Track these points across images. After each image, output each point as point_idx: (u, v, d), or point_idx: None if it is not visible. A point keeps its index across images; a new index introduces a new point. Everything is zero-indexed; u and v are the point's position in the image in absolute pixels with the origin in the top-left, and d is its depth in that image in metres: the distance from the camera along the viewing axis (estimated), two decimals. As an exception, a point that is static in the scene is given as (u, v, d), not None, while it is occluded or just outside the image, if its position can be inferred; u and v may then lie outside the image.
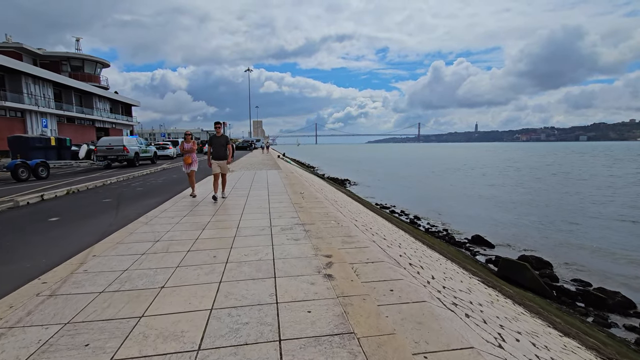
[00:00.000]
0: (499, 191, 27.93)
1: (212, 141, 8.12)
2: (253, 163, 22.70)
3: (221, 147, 8.01)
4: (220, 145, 8.00)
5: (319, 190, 12.11)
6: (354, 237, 4.78)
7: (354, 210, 9.67)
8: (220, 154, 7.99)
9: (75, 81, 34.62)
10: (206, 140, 54.60)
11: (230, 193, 8.92)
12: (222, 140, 8.05)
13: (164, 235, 4.77)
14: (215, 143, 8.01)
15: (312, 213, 6.29)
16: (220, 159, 7.99)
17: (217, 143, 7.99)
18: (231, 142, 8.27)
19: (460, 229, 17.07)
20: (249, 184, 10.70)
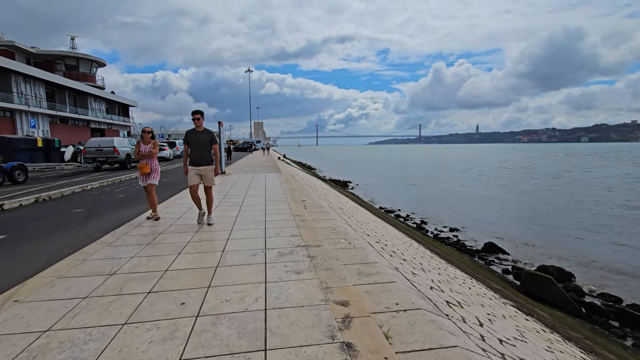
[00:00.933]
0: (506, 194, 26.85)
1: (189, 138, 5.68)
2: (252, 165, 21.62)
3: (203, 147, 5.65)
4: (202, 145, 5.63)
5: (323, 195, 11.01)
6: (373, 266, 3.67)
7: (362, 220, 8.56)
8: (201, 157, 5.66)
9: (69, 80, 33.55)
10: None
11: (221, 201, 7.80)
12: (204, 138, 5.63)
13: (126, 264, 3.66)
14: (194, 142, 5.62)
15: (316, 228, 5.18)
16: (201, 164, 5.64)
17: (197, 142, 5.61)
18: (218, 142, 6.09)
19: (469, 234, 16.10)
20: (245, 190, 9.61)
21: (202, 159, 5.67)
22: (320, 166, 54.71)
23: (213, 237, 4.75)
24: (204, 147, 5.65)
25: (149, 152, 6.11)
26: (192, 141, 5.64)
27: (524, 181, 34.07)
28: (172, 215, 6.38)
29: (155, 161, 6.26)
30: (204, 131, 5.69)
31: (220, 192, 9.22)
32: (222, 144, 14.62)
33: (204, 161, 5.69)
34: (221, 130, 14.47)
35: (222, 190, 9.58)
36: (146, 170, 6.02)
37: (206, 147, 5.68)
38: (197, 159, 5.67)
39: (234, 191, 9.44)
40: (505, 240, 15.28)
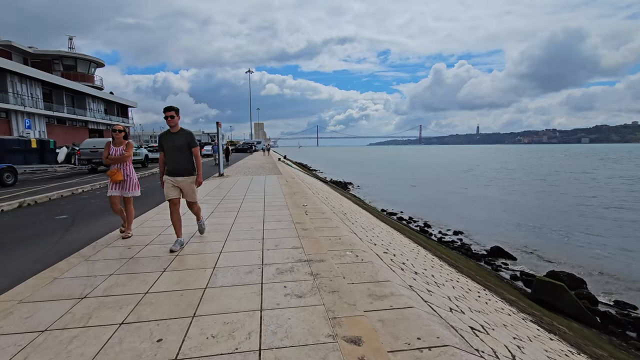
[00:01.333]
0: (508, 195, 26.39)
1: (162, 142, 4.56)
2: (251, 167, 21.15)
3: (179, 152, 4.47)
4: (177, 150, 4.46)
5: (324, 199, 10.53)
6: (385, 285, 3.19)
7: (367, 226, 8.08)
8: (177, 165, 4.48)
9: (66, 80, 33.09)
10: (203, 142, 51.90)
11: (217, 207, 7.31)
12: (180, 141, 4.45)
13: (101, 284, 3.18)
14: (169, 146, 4.48)
15: (319, 238, 4.70)
16: (178, 173, 4.50)
17: (172, 146, 4.46)
18: (198, 146, 4.77)
19: (473, 237, 15.74)
20: (243, 194, 9.13)
21: (178, 168, 4.49)
22: (320, 167, 54.29)
23: (204, 249, 4.27)
24: (181, 152, 4.46)
25: (121, 156, 4.99)
26: (166, 145, 4.50)
27: (525, 183, 33.62)
28: (162, 223, 5.89)
29: (130, 166, 5.13)
30: (179, 132, 4.49)
31: (217, 196, 8.75)
32: (220, 145, 14.16)
33: (182, 170, 4.51)
34: (219, 131, 14.00)
35: (219, 194, 9.11)
36: (118, 178, 4.90)
37: (183, 153, 4.48)
38: (173, 167, 4.49)
39: (232, 195, 8.97)
40: (511, 243, 14.90)
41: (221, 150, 14.43)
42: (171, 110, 4.43)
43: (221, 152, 14.48)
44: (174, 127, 4.49)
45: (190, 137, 4.54)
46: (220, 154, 14.40)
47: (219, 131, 13.83)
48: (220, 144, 14.20)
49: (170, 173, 4.53)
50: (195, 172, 4.68)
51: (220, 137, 14.03)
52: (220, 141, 14.08)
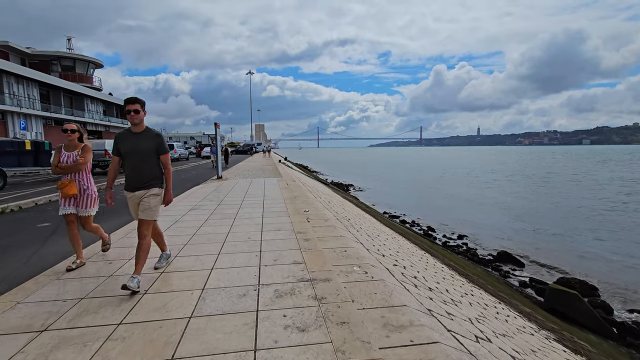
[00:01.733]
0: (512, 197, 25.92)
1: (120, 144, 3.43)
2: (251, 169, 20.70)
3: (143, 160, 3.39)
4: (141, 156, 3.38)
5: (327, 203, 10.06)
6: (401, 311, 2.72)
7: (372, 233, 7.60)
8: (139, 174, 3.40)
9: (64, 81, 32.67)
10: (203, 144, 51.05)
11: (213, 212, 6.84)
12: (146, 145, 3.39)
13: (69, 310, 2.70)
14: (130, 150, 3.38)
15: (323, 251, 4.23)
16: (138, 186, 3.41)
17: (133, 150, 3.37)
18: (169, 152, 3.59)
19: (479, 241, 15.35)
20: (241, 198, 8.66)
21: (140, 178, 3.36)
22: (321, 169, 53.87)
23: (194, 264, 3.79)
24: (146, 159, 3.36)
25: (75, 164, 3.82)
26: (125, 148, 3.35)
27: (527, 184, 33.12)
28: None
29: (88, 177, 3.95)
30: (145, 133, 3.39)
31: (214, 201, 8.28)
32: (219, 147, 13.72)
33: (145, 181, 3.37)
34: (218, 132, 13.56)
35: (216, 199, 8.65)
36: (70, 192, 3.75)
37: (148, 160, 3.38)
38: (133, 178, 3.38)
39: (229, 199, 8.50)
40: (517, 248, 14.51)
41: (220, 153, 13.98)
42: (136, 102, 3.32)
43: (220, 154, 14.03)
44: (138, 126, 3.37)
45: (159, 140, 3.42)
46: (219, 156, 13.95)
47: (217, 132, 13.38)
48: (219, 146, 13.75)
49: (130, 186, 3.40)
50: (164, 185, 3.54)
51: (219, 139, 13.59)
52: (219, 143, 13.64)
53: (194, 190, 10.45)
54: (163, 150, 3.46)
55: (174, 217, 6.38)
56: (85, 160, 3.88)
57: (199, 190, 10.35)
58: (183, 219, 6.15)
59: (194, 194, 9.64)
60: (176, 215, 6.48)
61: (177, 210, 7.04)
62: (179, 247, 4.45)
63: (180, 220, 6.08)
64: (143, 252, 3.28)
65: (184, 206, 7.47)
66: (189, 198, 8.76)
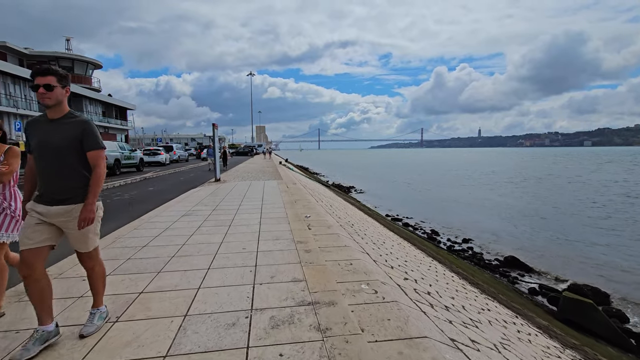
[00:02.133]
0: (515, 199, 25.44)
1: (30, 135, 2.31)
2: (251, 171, 20.24)
3: (58, 156, 2.23)
4: (56, 152, 2.22)
5: (328, 207, 9.58)
6: (421, 345, 2.23)
7: (377, 240, 7.12)
8: (54, 181, 2.25)
9: (62, 82, 32.27)
10: (203, 145, 50.58)
11: (207, 219, 6.35)
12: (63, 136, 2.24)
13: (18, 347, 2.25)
14: (41, 144, 2.23)
15: (326, 265, 3.75)
16: (54, 199, 2.24)
17: (46, 143, 2.21)
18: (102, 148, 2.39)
19: (484, 245, 15.00)
20: (238, 203, 8.19)
21: (55, 188, 2.25)
22: (322, 171, 53.42)
23: (179, 282, 3.30)
24: (63, 156, 2.25)
25: None
26: (35, 141, 2.27)
27: (531, 186, 32.60)
28: (138, 242, 4.93)
29: (12, 190, 2.88)
30: (64, 119, 2.32)
31: (209, 205, 7.81)
32: (216, 149, 13.26)
33: (61, 193, 2.25)
34: (216, 133, 13.09)
35: (211, 203, 8.17)
36: None
37: (67, 158, 2.25)
38: (44, 186, 2.27)
39: (225, 204, 8.02)
40: (523, 251, 14.15)
41: (218, 154, 13.52)
42: (47, 74, 2.20)
43: (217, 156, 13.57)
44: (54, 109, 2.27)
45: (85, 128, 2.30)
46: (217, 158, 13.49)
47: (215, 134, 12.91)
48: (217, 148, 13.29)
49: (40, 197, 2.27)
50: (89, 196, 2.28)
51: (217, 140, 13.13)
52: (217, 144, 13.18)
53: (189, 194, 9.99)
54: (91, 143, 2.29)
55: (165, 223, 5.91)
56: (11, 168, 2.77)
57: (194, 194, 9.89)
58: (174, 226, 5.68)
59: (189, 197, 9.18)
60: (167, 222, 6.01)
61: (168, 216, 6.57)
62: (164, 260, 3.97)
63: (171, 227, 5.61)
64: (98, 279, 2.49)
65: (176, 211, 7.00)
66: (184, 202, 8.29)
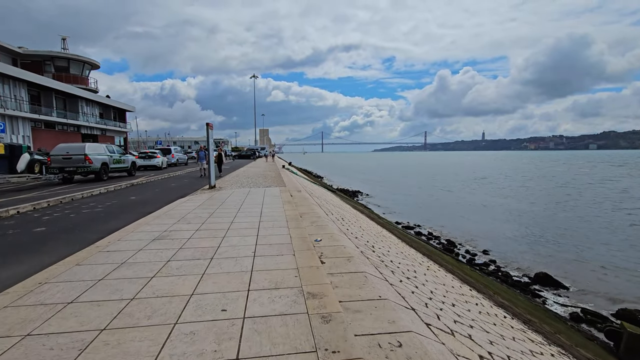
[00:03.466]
0: (531, 206, 23.63)
1: None
2: (251, 175, 18.64)
3: None
4: None
5: (340, 220, 7.94)
6: None
7: (409, 269, 5.48)
8: None
9: (55, 82, 30.91)
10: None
11: (181, 249, 4.71)
12: None
13: None
14: None
15: (360, 353, 2.13)
16: None
17: None
18: None
19: (507, 258, 13.51)
20: (231, 218, 6.57)
21: None
22: (326, 174, 51.84)
23: (130, 348, 1.71)
24: None
25: None
26: None
27: (545, 191, 30.75)
28: (63, 293, 3.30)
29: None
30: None
31: (192, 224, 6.19)
32: (211, 151, 11.67)
33: None
34: (210, 134, 11.51)
35: (196, 220, 6.55)
36: None
37: None
38: None
39: (214, 221, 6.39)
40: (551, 264, 12.71)
41: (212, 158, 11.92)
42: None
43: (212, 160, 11.96)
44: None
45: None
46: (212, 162, 11.89)
47: (209, 134, 11.34)
48: (212, 150, 11.70)
49: None
50: None
51: (211, 142, 11.55)
52: (212, 146, 11.59)
53: (174, 206, 8.38)
54: None
55: (123, 254, 4.28)
56: None
57: (180, 206, 8.29)
58: (133, 260, 4.05)
59: (172, 211, 7.57)
60: (127, 252, 4.39)
61: (134, 240, 4.95)
62: (84, 342, 2.31)
63: (128, 262, 3.98)
64: None
65: (147, 234, 5.36)
66: (163, 218, 6.66)
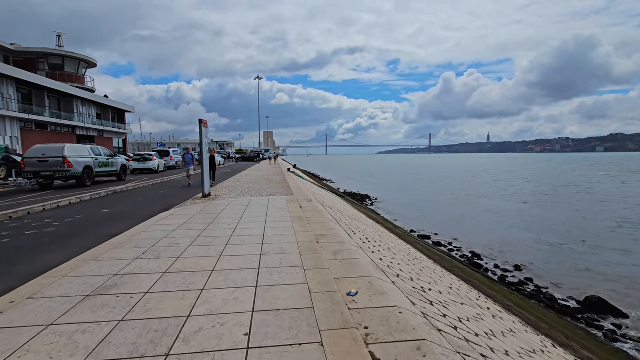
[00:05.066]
0: (557, 212, 21.46)
1: None
2: (254, 180, 16.75)
3: None
4: None
5: (367, 243, 6.03)
6: None
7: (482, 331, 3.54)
8: None
9: (48, 80, 29.25)
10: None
11: (136, 305, 2.83)
12: None
13: None
14: None
15: None
16: None
17: None
18: None
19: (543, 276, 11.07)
20: (221, 248, 4.67)
21: None
22: (332, 177, 49.95)
23: None
24: None
25: None
26: None
27: (568, 196, 28.51)
28: None
29: None
30: None
31: (162, 259, 4.25)
32: (205, 153, 9.81)
33: None
34: (204, 133, 9.64)
35: (170, 250, 4.62)
36: None
37: None
38: None
39: (196, 252, 4.48)
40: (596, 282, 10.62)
41: (206, 162, 10.03)
42: None
43: (206, 164, 10.07)
44: None
45: None
46: (205, 166, 10.00)
47: (202, 133, 9.47)
48: (205, 151, 9.80)
49: None
50: None
51: (205, 142, 9.67)
52: (205, 147, 9.69)
53: (151, 224, 6.47)
54: None
55: (12, 336, 2.41)
56: None
57: (158, 224, 6.39)
58: (21, 354, 2.17)
59: (144, 233, 5.66)
60: (22, 334, 2.50)
61: (55, 298, 3.05)
62: None
63: None
64: None
65: (82, 284, 3.42)
66: (123, 248, 4.75)
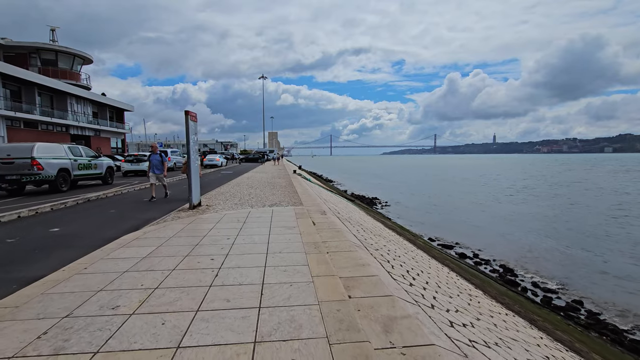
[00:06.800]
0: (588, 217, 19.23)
1: None
2: (255, 184, 14.83)
3: None
4: None
5: (412, 284, 4.07)
6: None
7: None
8: None
9: (39, 76, 27.58)
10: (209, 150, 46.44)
11: None
12: None
13: None
14: None
15: None
16: None
17: None
18: None
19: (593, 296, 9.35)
20: (196, 302, 2.76)
21: None
22: (338, 178, 47.99)
23: None
24: None
25: None
26: None
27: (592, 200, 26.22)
28: None
29: None
30: None
31: (77, 354, 2.37)
32: (193, 153, 7.90)
33: None
34: (191, 127, 7.72)
35: (106, 321, 2.72)
36: None
37: None
38: None
39: (139, 335, 2.58)
40: None
41: (195, 164, 8.11)
42: None
43: (195, 168, 8.13)
44: None
45: None
46: (194, 171, 8.05)
47: (189, 126, 7.57)
48: (193, 151, 7.89)
49: None
50: None
51: (192, 139, 7.76)
52: (193, 145, 7.77)
53: (97, 257, 4.53)
54: None
55: None
56: None
57: (106, 260, 4.46)
58: None
59: (73, 280, 3.73)
60: None
61: None
62: None
63: None
64: None
65: None
66: (5, 322, 2.85)
